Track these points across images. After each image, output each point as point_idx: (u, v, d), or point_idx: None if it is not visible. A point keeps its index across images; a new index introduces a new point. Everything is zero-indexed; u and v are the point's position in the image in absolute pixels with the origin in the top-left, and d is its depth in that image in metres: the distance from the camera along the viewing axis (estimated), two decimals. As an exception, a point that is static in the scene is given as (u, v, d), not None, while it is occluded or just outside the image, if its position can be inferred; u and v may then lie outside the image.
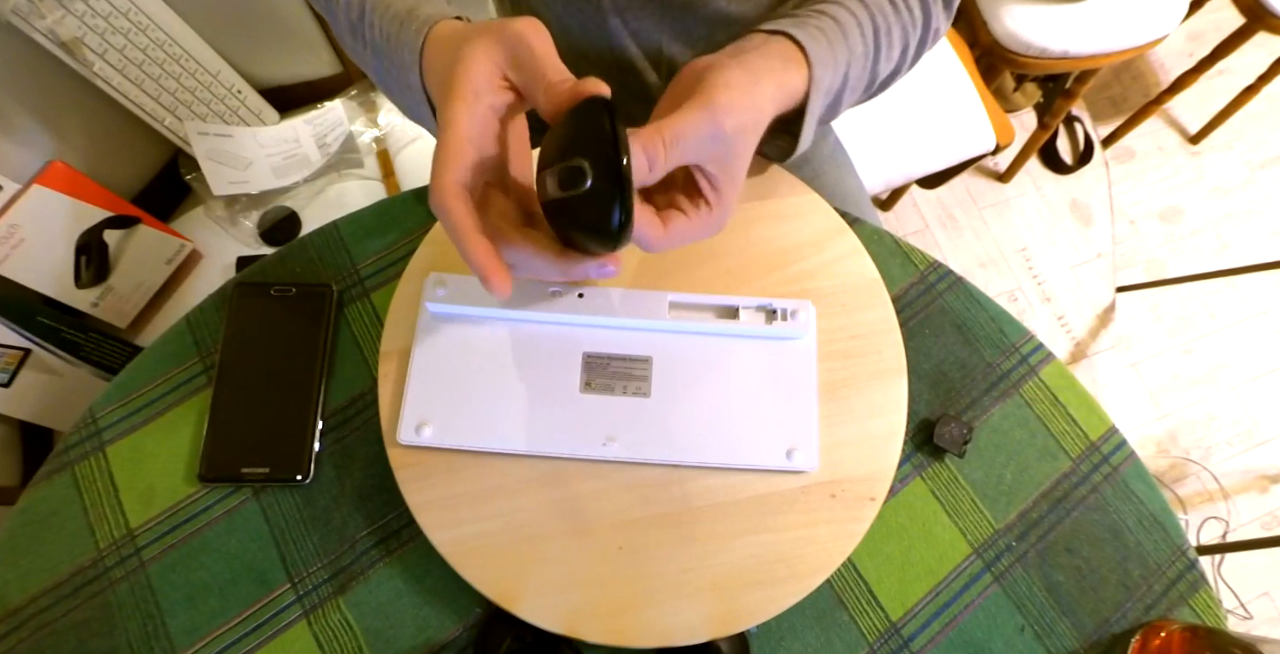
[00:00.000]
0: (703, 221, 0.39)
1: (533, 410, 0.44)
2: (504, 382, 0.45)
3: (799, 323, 0.45)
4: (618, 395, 0.45)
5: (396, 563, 0.46)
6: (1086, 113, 1.65)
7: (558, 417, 0.44)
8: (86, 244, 0.88)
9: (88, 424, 0.48)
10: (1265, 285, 1.53)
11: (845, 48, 0.42)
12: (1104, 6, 1.09)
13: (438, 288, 0.44)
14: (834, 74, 0.42)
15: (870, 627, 0.47)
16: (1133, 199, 1.61)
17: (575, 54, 0.60)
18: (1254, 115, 1.64)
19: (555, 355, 0.45)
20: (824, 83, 0.41)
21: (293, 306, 0.51)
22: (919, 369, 0.52)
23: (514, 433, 0.44)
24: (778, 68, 0.39)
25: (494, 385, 0.44)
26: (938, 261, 0.55)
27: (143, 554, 0.46)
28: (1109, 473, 0.51)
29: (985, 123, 1.02)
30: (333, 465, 0.48)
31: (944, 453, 0.49)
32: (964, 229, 1.55)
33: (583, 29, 0.56)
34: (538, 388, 0.45)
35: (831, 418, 0.46)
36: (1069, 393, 0.52)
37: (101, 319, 0.90)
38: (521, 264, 0.36)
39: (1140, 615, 0.48)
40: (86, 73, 0.88)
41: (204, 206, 1.02)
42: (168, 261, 0.95)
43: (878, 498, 0.44)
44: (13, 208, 0.87)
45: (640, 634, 0.41)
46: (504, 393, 0.44)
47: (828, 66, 0.41)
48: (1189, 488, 1.41)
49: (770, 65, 0.39)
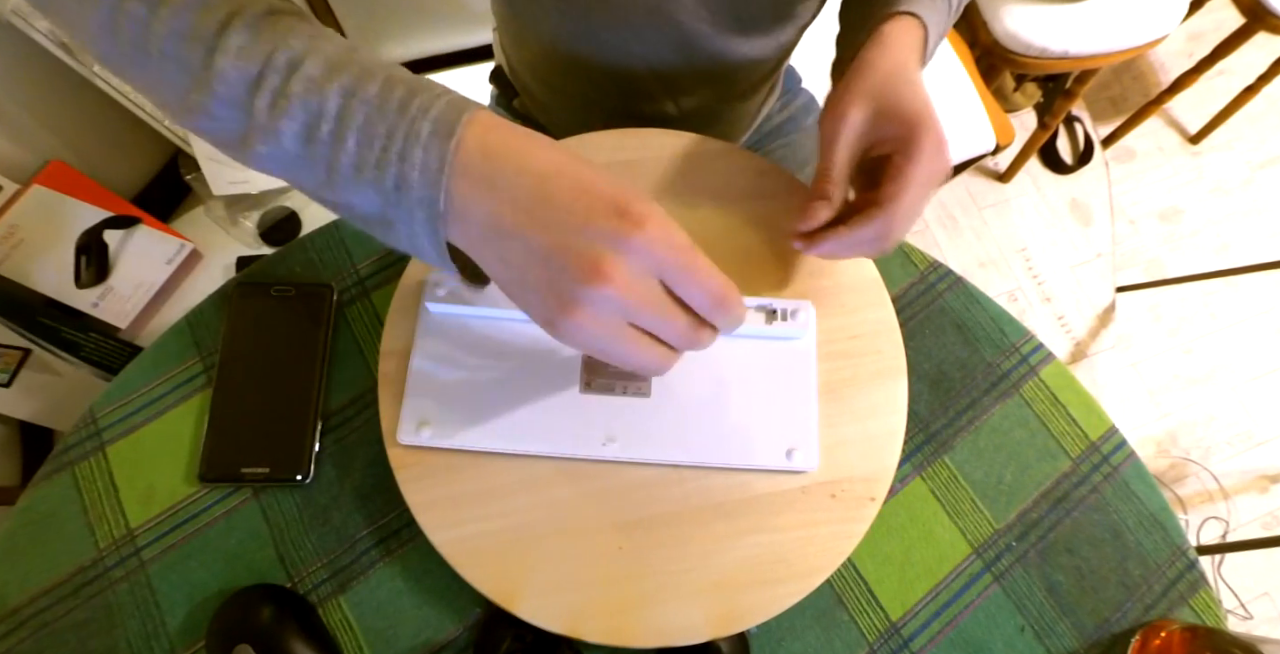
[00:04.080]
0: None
1: (533, 410, 0.44)
2: (504, 381, 0.45)
3: (799, 323, 0.45)
4: (617, 395, 0.45)
5: (396, 563, 0.46)
6: (1086, 113, 1.65)
7: (558, 417, 0.44)
8: (86, 244, 0.88)
9: (88, 424, 0.48)
10: (1265, 285, 1.53)
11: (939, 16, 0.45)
12: (1104, 6, 1.09)
13: (438, 288, 0.44)
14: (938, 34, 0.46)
15: (870, 627, 0.47)
16: (1133, 199, 1.61)
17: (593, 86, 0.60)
18: (1254, 115, 1.64)
19: (555, 355, 0.45)
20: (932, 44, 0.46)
21: (293, 306, 0.51)
22: (919, 369, 0.52)
23: (514, 433, 0.44)
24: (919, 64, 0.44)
25: (494, 385, 0.44)
26: (938, 261, 0.55)
27: (143, 554, 0.46)
28: (1109, 473, 0.51)
29: (985, 123, 1.02)
30: (333, 465, 0.48)
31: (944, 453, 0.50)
32: (964, 229, 1.55)
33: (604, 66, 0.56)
34: (538, 388, 0.44)
35: (831, 418, 0.46)
36: (1069, 393, 0.52)
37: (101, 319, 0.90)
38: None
39: (1140, 615, 0.48)
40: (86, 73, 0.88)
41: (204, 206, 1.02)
42: (168, 261, 0.95)
43: (878, 498, 0.44)
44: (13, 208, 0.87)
45: (640, 634, 0.41)
46: (504, 393, 0.44)
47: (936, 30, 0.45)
48: (1189, 488, 1.41)
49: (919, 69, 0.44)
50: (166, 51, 0.28)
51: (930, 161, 0.40)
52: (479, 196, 0.29)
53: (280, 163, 0.30)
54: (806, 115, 0.78)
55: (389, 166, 0.28)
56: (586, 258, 0.28)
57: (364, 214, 0.30)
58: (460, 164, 0.28)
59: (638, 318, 0.30)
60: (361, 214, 0.31)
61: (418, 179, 0.28)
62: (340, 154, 0.28)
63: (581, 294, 0.28)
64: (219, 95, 0.28)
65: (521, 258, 0.29)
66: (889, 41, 0.43)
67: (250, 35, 0.28)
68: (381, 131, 0.28)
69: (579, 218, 0.28)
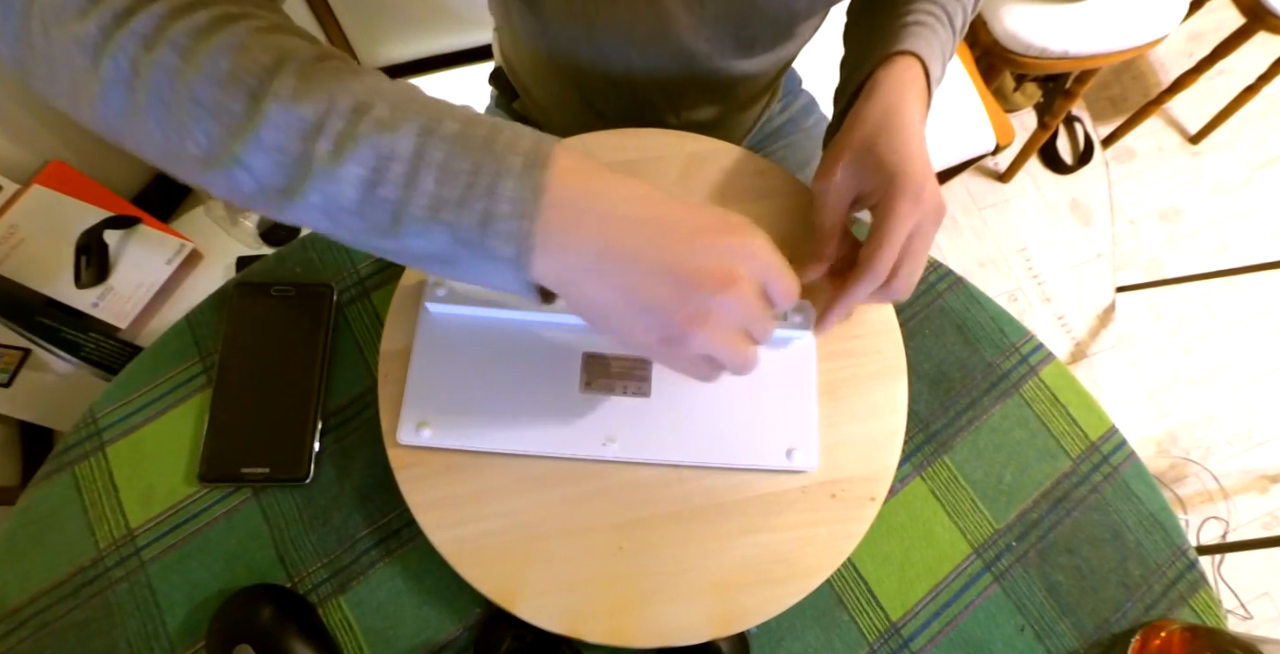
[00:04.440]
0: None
1: (533, 410, 0.44)
2: (504, 382, 0.45)
3: (799, 323, 0.45)
4: (617, 395, 0.45)
5: (396, 563, 0.46)
6: (1086, 113, 1.65)
7: (558, 417, 0.44)
8: (86, 244, 0.88)
9: (88, 424, 0.48)
10: (1265, 285, 1.53)
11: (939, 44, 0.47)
12: (1104, 6, 1.09)
13: (437, 288, 0.44)
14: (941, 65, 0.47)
15: (870, 627, 0.47)
16: (1133, 199, 1.61)
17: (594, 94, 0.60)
18: (1254, 115, 1.64)
19: (555, 355, 0.45)
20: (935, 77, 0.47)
21: (293, 307, 0.51)
22: (919, 369, 0.52)
23: (514, 433, 0.44)
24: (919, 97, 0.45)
25: (494, 385, 0.44)
26: (938, 261, 0.55)
27: (143, 554, 0.46)
28: (1109, 473, 0.51)
29: (985, 123, 1.02)
30: (333, 465, 0.48)
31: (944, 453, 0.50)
32: (964, 229, 1.55)
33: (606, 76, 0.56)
34: (537, 388, 0.44)
35: (831, 417, 0.45)
36: (1069, 393, 0.52)
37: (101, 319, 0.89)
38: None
39: (1140, 615, 0.48)
40: (86, 73, 0.88)
41: (204, 207, 1.02)
42: (168, 261, 0.94)
43: (878, 498, 0.44)
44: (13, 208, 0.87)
45: (640, 634, 0.41)
46: (504, 393, 0.44)
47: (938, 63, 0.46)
48: (1189, 488, 1.41)
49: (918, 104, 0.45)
50: (199, 98, 0.27)
51: (908, 214, 0.41)
52: (585, 224, 0.29)
53: (332, 211, 0.28)
54: (806, 116, 0.78)
55: (472, 204, 0.28)
56: (720, 269, 0.30)
57: (421, 254, 0.30)
58: (557, 196, 0.28)
59: (755, 322, 0.32)
60: (418, 254, 0.30)
61: (507, 215, 0.28)
62: (413, 195, 0.28)
63: (715, 303, 0.30)
64: (264, 143, 0.27)
65: (641, 279, 0.30)
66: (880, 88, 0.44)
67: (303, 80, 0.27)
68: (466, 168, 0.27)
69: (699, 237, 0.30)
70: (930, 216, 0.42)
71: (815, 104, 0.80)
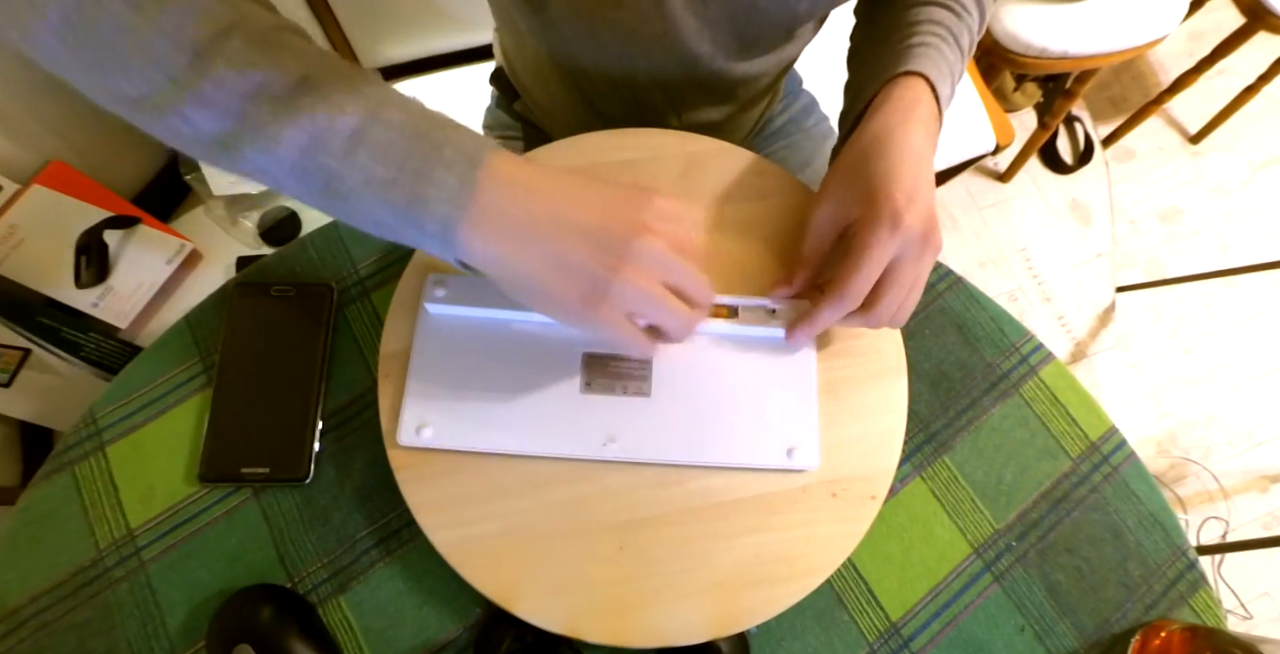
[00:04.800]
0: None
1: (533, 411, 0.44)
2: (504, 382, 0.45)
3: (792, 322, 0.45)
4: (618, 395, 0.45)
5: (396, 563, 0.46)
6: (1086, 113, 1.65)
7: (558, 417, 0.44)
8: (86, 244, 0.88)
9: (88, 424, 0.48)
10: (1265, 285, 1.54)
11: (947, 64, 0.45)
12: (1104, 6, 1.09)
13: (437, 288, 0.44)
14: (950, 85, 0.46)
15: (870, 627, 0.47)
16: (1133, 199, 1.61)
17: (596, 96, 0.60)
18: (1254, 115, 1.64)
19: (555, 355, 0.45)
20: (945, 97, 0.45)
21: (293, 306, 0.51)
22: (919, 369, 0.52)
23: (514, 433, 0.44)
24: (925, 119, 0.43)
25: (494, 386, 0.44)
26: (937, 261, 0.55)
27: (143, 554, 0.46)
28: (1109, 473, 0.51)
29: (985, 123, 1.02)
30: (333, 465, 0.48)
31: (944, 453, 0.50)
32: (964, 229, 1.55)
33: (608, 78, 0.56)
34: (538, 388, 0.44)
35: (832, 417, 0.46)
36: (1069, 393, 0.52)
37: (101, 319, 0.90)
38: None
39: (1140, 615, 0.48)
40: (86, 73, 0.88)
41: (204, 206, 1.02)
42: (168, 261, 0.94)
43: (878, 496, 0.44)
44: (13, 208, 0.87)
45: (640, 634, 0.41)
46: (504, 393, 0.44)
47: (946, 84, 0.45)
48: (1189, 488, 1.41)
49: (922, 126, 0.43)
50: (146, 47, 0.27)
51: (883, 239, 0.39)
52: (516, 200, 0.32)
53: (269, 171, 0.30)
54: (807, 116, 0.78)
55: (404, 184, 0.30)
56: (632, 221, 0.34)
57: (362, 221, 0.32)
58: (484, 184, 0.31)
59: (674, 271, 0.35)
60: (358, 221, 0.33)
61: (435, 199, 0.30)
62: (349, 168, 0.30)
63: (630, 250, 0.33)
64: (205, 98, 0.28)
65: (559, 242, 0.33)
66: (879, 111, 0.43)
67: (252, 46, 0.29)
68: (400, 151, 0.30)
69: (613, 200, 0.34)
70: (914, 245, 0.40)
71: (816, 104, 0.80)
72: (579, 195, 0.34)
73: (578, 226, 0.33)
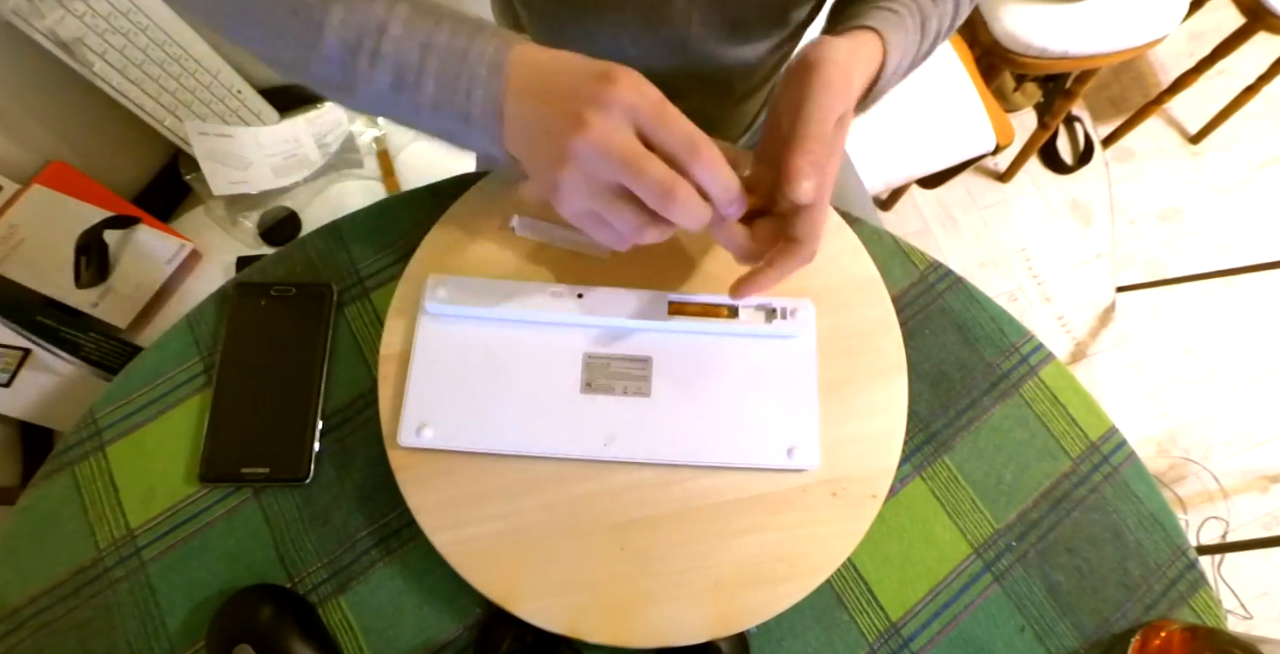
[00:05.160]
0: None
1: (533, 411, 0.44)
2: (504, 383, 0.45)
3: (798, 321, 0.45)
4: (618, 396, 0.45)
5: (396, 563, 0.46)
6: (1086, 113, 1.65)
7: (558, 417, 0.44)
8: (86, 244, 0.88)
9: (88, 424, 0.48)
10: (1265, 285, 1.53)
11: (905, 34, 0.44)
12: (1104, 6, 1.09)
13: (438, 289, 0.44)
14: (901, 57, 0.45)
15: (870, 627, 0.47)
16: (1133, 199, 1.61)
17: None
18: (1254, 115, 1.64)
19: (555, 356, 0.45)
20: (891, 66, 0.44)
21: (293, 306, 0.51)
22: (919, 369, 0.52)
23: (515, 434, 0.44)
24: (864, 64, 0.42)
25: (494, 387, 0.44)
26: (938, 262, 0.55)
27: (143, 554, 0.46)
28: (1109, 473, 0.51)
29: (985, 123, 1.02)
30: (333, 465, 0.48)
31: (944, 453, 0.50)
32: (964, 229, 1.55)
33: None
34: (538, 389, 0.45)
35: (832, 416, 0.46)
36: (1069, 393, 0.52)
37: (101, 319, 0.89)
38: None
39: (1140, 615, 0.48)
40: (86, 73, 0.88)
41: (204, 206, 1.02)
42: (168, 261, 0.94)
43: (879, 496, 0.44)
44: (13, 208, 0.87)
45: (640, 634, 0.41)
46: (504, 394, 0.44)
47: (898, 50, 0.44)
48: (1189, 488, 1.41)
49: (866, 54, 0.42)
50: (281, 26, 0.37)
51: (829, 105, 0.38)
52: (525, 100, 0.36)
53: (376, 102, 0.39)
54: None
55: (458, 105, 0.37)
56: (571, 114, 0.34)
57: (438, 133, 0.40)
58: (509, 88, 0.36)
59: (618, 168, 0.34)
60: (433, 130, 0.40)
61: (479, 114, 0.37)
62: (422, 96, 0.37)
63: (569, 147, 0.34)
64: (328, 58, 0.37)
65: (532, 132, 0.36)
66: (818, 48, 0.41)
67: (346, 9, 0.36)
68: (451, 73, 0.36)
69: (568, 87, 0.35)
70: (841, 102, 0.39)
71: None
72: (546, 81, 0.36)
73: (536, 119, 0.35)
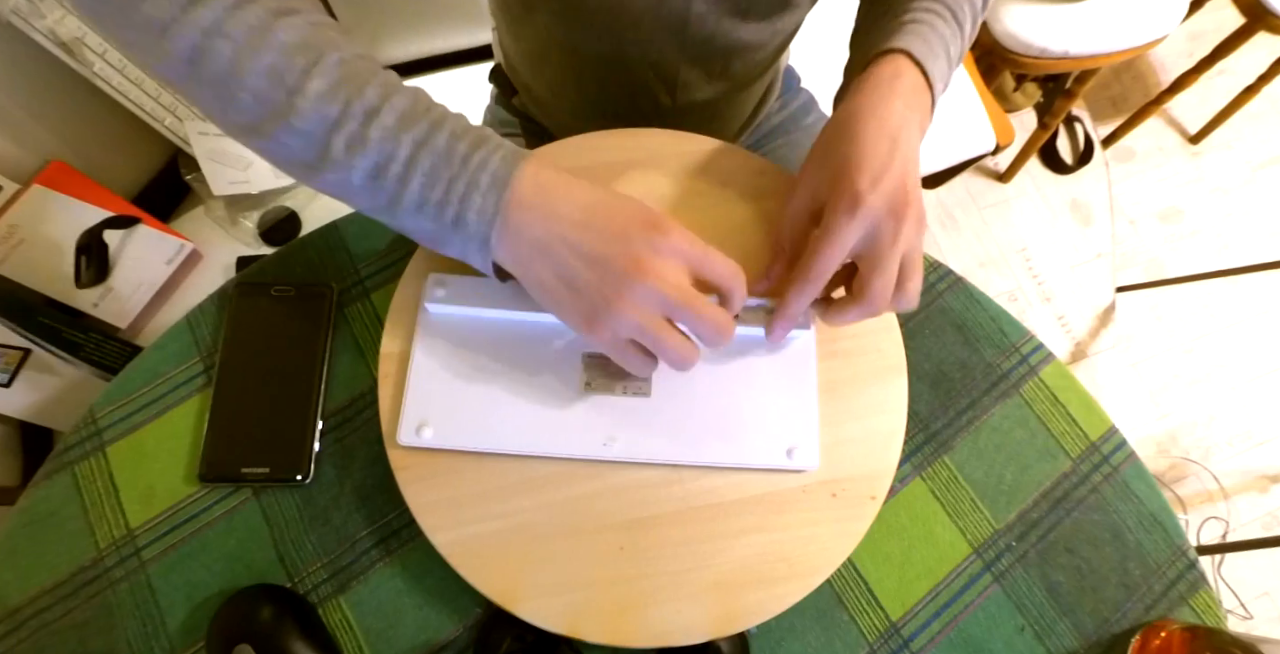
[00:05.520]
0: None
1: (533, 411, 0.44)
2: (504, 382, 0.45)
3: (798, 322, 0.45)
4: (618, 395, 0.45)
5: (396, 563, 0.46)
6: (1086, 113, 1.65)
7: (558, 417, 0.44)
8: (86, 244, 0.88)
9: (88, 424, 0.48)
10: (1265, 285, 1.54)
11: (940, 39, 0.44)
12: (1104, 6, 1.09)
13: (438, 288, 0.44)
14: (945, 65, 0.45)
15: (870, 627, 0.47)
16: (1133, 199, 1.61)
17: (589, 79, 0.60)
18: (1254, 115, 1.64)
19: (555, 355, 0.45)
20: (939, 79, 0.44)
21: (293, 306, 0.51)
22: (919, 369, 0.52)
23: (515, 434, 0.44)
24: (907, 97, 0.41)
25: (494, 386, 0.44)
26: (938, 261, 0.55)
27: (143, 554, 0.46)
28: (1109, 473, 0.51)
29: (985, 123, 1.02)
30: (333, 465, 0.48)
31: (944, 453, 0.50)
32: (964, 229, 1.55)
33: (599, 57, 0.56)
34: (538, 388, 0.44)
35: (832, 416, 0.45)
36: (1069, 393, 0.52)
37: (101, 319, 0.90)
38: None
39: (1140, 615, 0.48)
40: (86, 73, 0.88)
41: (204, 206, 1.02)
42: (168, 261, 0.94)
43: (879, 496, 0.44)
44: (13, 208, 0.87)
45: (640, 634, 0.41)
46: (504, 394, 0.44)
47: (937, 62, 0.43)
48: (1189, 488, 1.41)
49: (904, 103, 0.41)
50: (248, 86, 0.33)
51: (842, 224, 0.39)
52: (534, 222, 0.36)
53: (344, 189, 0.36)
54: (805, 114, 0.78)
55: (449, 207, 0.35)
56: (631, 257, 0.35)
57: (413, 231, 0.38)
58: (515, 200, 0.35)
59: (672, 306, 0.36)
60: (410, 231, 0.38)
61: (474, 220, 0.35)
62: (405, 191, 0.35)
63: (626, 286, 0.35)
64: (294, 129, 0.33)
65: (572, 263, 0.36)
66: (856, 91, 0.42)
67: (331, 82, 0.33)
68: (445, 177, 0.35)
69: (620, 229, 0.36)
70: (885, 224, 0.39)
71: (814, 102, 0.80)
72: (591, 219, 0.36)
73: (586, 254, 0.36)
